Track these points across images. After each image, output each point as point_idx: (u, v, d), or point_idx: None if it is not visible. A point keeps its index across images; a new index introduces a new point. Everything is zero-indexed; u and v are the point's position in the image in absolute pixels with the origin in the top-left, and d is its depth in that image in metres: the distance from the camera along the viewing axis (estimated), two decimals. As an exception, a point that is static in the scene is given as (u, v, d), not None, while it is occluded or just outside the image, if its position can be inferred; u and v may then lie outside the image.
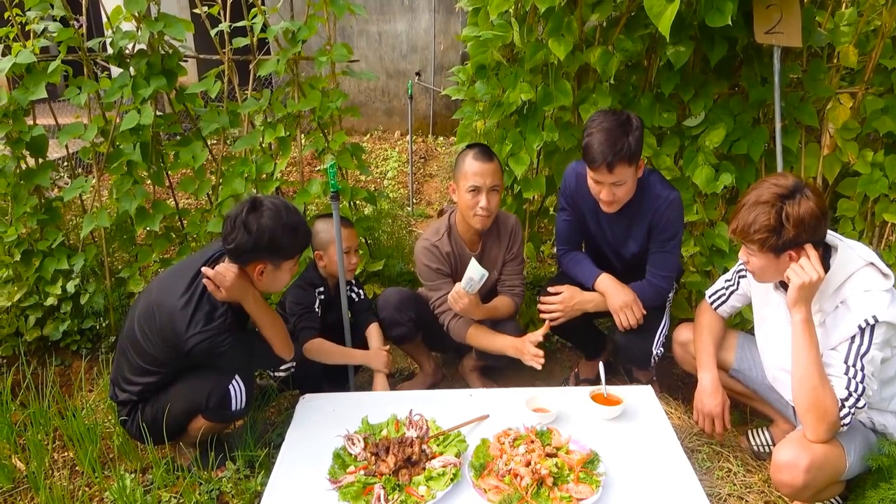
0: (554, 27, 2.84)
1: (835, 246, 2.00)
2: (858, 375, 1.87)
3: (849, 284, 1.92)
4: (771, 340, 2.21)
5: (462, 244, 2.73)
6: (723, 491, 2.29)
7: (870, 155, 3.07)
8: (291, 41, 3.10)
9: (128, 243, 3.35)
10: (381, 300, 2.82)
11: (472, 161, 2.54)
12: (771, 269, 1.97)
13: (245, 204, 2.17)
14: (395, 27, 7.49)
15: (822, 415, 1.87)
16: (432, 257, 2.68)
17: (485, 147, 2.62)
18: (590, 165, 2.36)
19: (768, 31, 2.76)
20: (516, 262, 2.81)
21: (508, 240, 2.78)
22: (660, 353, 2.58)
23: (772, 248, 1.91)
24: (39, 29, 3.00)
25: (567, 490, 1.88)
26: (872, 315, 1.85)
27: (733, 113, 3.02)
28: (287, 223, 2.17)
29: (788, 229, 1.87)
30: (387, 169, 6.37)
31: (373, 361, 2.69)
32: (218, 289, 2.16)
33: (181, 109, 3.27)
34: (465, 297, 2.49)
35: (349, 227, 2.79)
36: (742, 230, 1.93)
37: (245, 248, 2.14)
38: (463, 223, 2.70)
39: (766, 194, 1.91)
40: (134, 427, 2.31)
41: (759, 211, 1.90)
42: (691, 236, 3.17)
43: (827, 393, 1.87)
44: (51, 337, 3.15)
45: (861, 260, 1.94)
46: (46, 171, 3.14)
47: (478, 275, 2.43)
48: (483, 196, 2.53)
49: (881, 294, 1.88)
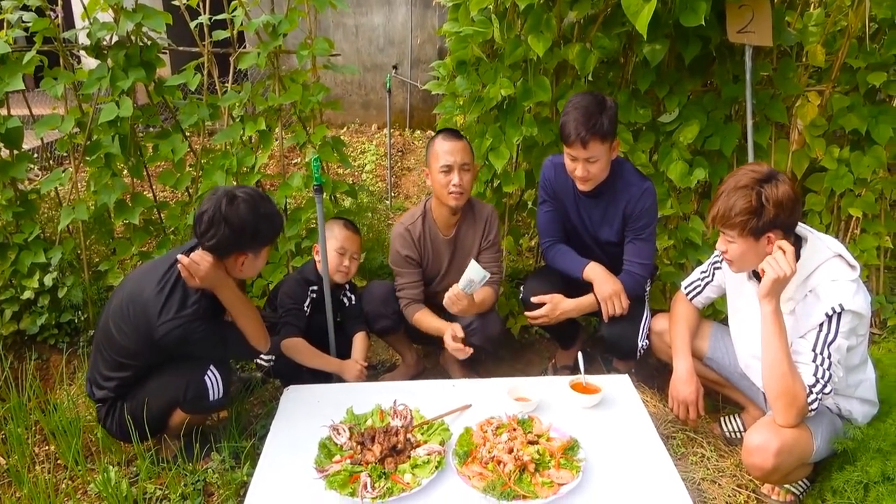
0: (533, 24, 2.89)
1: (805, 237, 2.08)
2: (825, 363, 1.95)
3: (817, 274, 2.01)
4: (743, 329, 2.30)
5: (436, 229, 2.79)
6: (697, 475, 2.37)
7: (836, 151, 3.19)
8: (272, 34, 3.10)
9: (106, 236, 3.32)
10: (366, 293, 2.85)
11: (442, 142, 2.64)
12: (750, 254, 2.04)
13: (219, 199, 2.15)
14: (372, 20, 7.46)
15: (791, 400, 1.95)
16: (404, 242, 2.76)
17: (453, 129, 2.71)
18: (565, 142, 2.46)
19: (740, 30, 2.84)
20: (493, 251, 2.85)
21: (484, 227, 2.82)
22: (645, 346, 2.66)
23: (752, 232, 1.98)
24: (14, 19, 2.96)
25: (549, 475, 1.94)
26: (839, 303, 1.93)
27: (706, 110, 3.11)
28: (265, 212, 2.19)
29: (769, 209, 1.95)
30: (364, 162, 6.37)
31: (346, 372, 2.70)
32: (192, 277, 2.16)
33: (159, 101, 3.25)
34: (464, 300, 2.55)
35: (354, 232, 2.79)
36: (723, 215, 2.00)
37: (228, 243, 2.15)
38: (438, 207, 2.76)
39: (745, 179, 1.99)
40: (114, 426, 2.30)
41: (738, 195, 1.98)
42: (666, 230, 3.26)
43: (795, 380, 1.95)
44: (28, 331, 3.11)
45: (829, 251, 2.03)
46: (22, 164, 3.10)
47: (478, 276, 2.48)
48: (455, 173, 2.60)
49: (847, 284, 1.97)
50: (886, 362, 2.56)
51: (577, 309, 2.67)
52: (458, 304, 2.56)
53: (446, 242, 2.80)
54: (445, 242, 2.80)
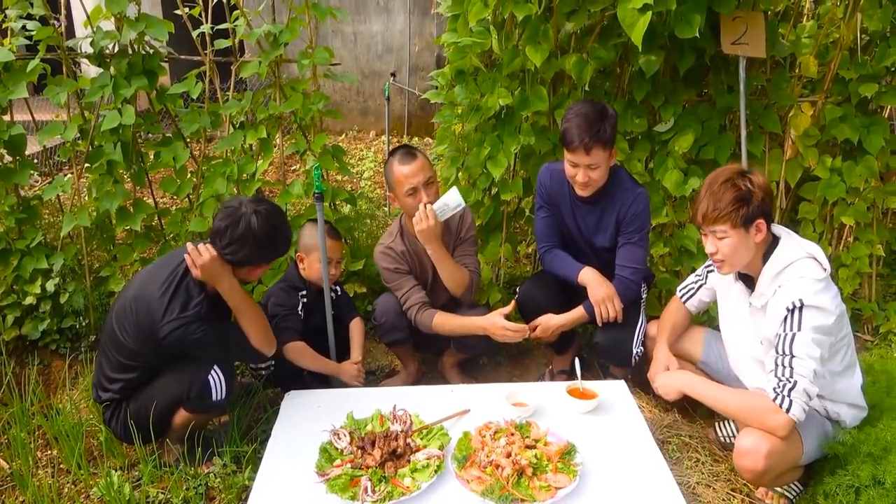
0: (531, 35, 2.94)
1: (779, 235, 2.15)
2: (786, 360, 1.99)
3: (787, 272, 2.07)
4: (733, 329, 2.35)
5: (415, 242, 2.78)
6: (692, 479, 2.40)
7: (829, 161, 3.24)
8: (273, 44, 3.14)
9: (107, 242, 3.35)
10: (380, 307, 2.83)
11: (400, 167, 2.61)
12: (742, 247, 2.09)
13: (245, 217, 2.22)
14: (371, 28, 7.52)
15: (760, 413, 2.02)
16: (389, 259, 2.76)
17: (405, 148, 2.68)
18: (567, 147, 2.49)
19: (734, 41, 2.90)
20: (469, 244, 2.87)
21: (457, 224, 2.84)
22: (640, 353, 2.70)
23: (744, 220, 2.04)
24: (17, 27, 2.99)
25: (546, 479, 1.98)
26: (799, 298, 1.99)
27: (701, 119, 3.16)
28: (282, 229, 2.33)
29: (757, 193, 2.03)
30: (363, 169, 6.41)
31: (343, 374, 2.73)
32: (195, 266, 2.22)
33: (161, 109, 3.28)
34: (431, 218, 2.55)
35: (338, 238, 2.83)
36: (712, 209, 2.05)
37: (248, 258, 2.26)
38: (411, 223, 2.72)
39: (723, 175, 2.08)
40: (119, 426, 2.33)
41: (723, 188, 2.05)
42: (661, 237, 3.30)
43: (750, 398, 2.09)
44: (29, 336, 3.13)
45: (803, 251, 2.09)
46: (25, 170, 3.12)
47: (453, 202, 2.53)
48: (422, 193, 2.61)
49: (813, 282, 2.02)
50: (878, 368, 2.60)
51: (568, 323, 2.71)
52: (423, 222, 2.56)
53: (426, 253, 2.79)
54: (426, 253, 2.77)
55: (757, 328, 2.20)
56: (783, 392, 1.98)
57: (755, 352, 2.23)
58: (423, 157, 2.65)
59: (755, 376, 2.26)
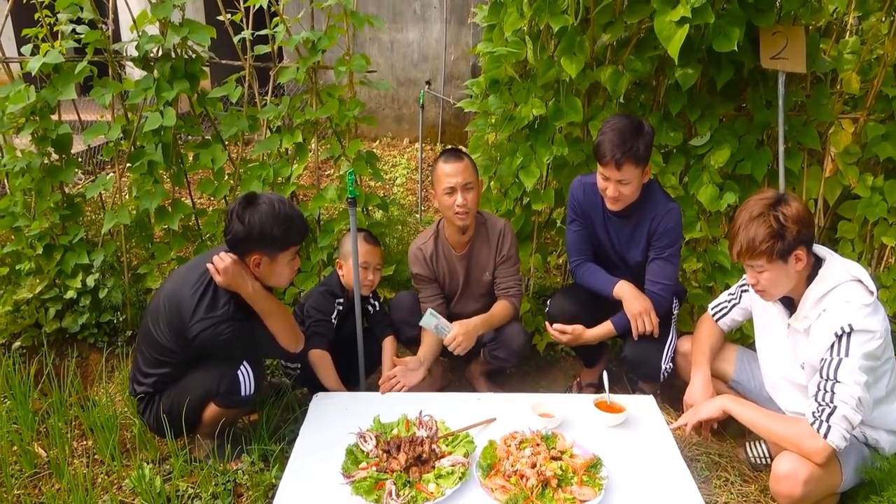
0: (566, 46, 2.94)
1: (824, 257, 2.11)
2: (829, 385, 1.95)
3: (832, 295, 2.03)
4: (770, 350, 2.31)
5: (448, 247, 2.84)
6: (720, 499, 2.37)
7: (870, 179, 3.17)
8: (311, 50, 3.20)
9: (146, 240, 3.43)
10: (394, 302, 2.91)
11: (443, 164, 2.68)
12: (782, 278, 2.06)
13: (242, 198, 2.28)
14: (407, 36, 7.59)
15: (798, 438, 1.99)
16: (415, 261, 2.84)
17: (454, 149, 2.76)
18: (600, 161, 2.50)
19: (774, 56, 2.86)
20: (509, 264, 2.87)
21: (497, 242, 2.85)
22: (669, 369, 2.67)
23: (780, 254, 2.00)
24: (67, 30, 3.10)
25: (571, 492, 1.97)
26: (848, 324, 1.94)
27: (738, 134, 3.12)
28: (279, 214, 2.25)
29: (790, 228, 1.98)
30: (396, 175, 6.46)
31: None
32: (217, 273, 2.25)
33: (201, 112, 3.36)
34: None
35: (375, 244, 2.85)
36: (747, 248, 2.02)
37: (239, 238, 2.24)
38: (449, 226, 2.81)
39: (757, 208, 2.03)
40: (152, 419, 2.40)
41: (756, 224, 2.01)
42: (694, 252, 3.26)
43: (790, 422, 2.05)
44: (69, 329, 3.23)
45: (848, 274, 2.04)
46: (71, 168, 3.23)
47: (429, 325, 2.62)
48: (458, 194, 2.64)
49: (861, 307, 1.98)
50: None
51: (597, 338, 2.71)
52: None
53: (459, 259, 2.85)
54: (459, 259, 2.84)
55: (795, 350, 2.16)
56: (821, 417, 1.94)
57: (791, 374, 2.19)
58: (469, 160, 2.71)
59: (790, 398, 2.23)
